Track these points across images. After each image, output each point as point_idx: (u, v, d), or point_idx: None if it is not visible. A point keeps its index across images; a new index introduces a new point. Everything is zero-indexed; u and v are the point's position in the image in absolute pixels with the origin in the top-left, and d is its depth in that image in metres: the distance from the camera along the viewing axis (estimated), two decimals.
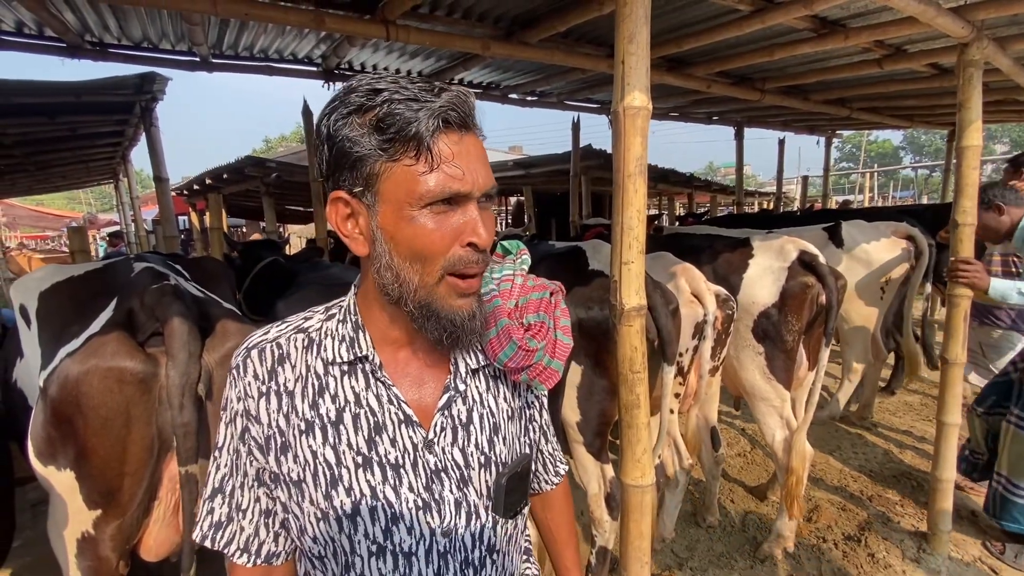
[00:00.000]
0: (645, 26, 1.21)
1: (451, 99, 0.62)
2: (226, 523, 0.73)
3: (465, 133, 0.63)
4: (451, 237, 0.63)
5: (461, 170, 0.61)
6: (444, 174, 0.61)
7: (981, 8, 2.28)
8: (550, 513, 0.96)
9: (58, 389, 1.28)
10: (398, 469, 0.69)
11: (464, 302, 0.66)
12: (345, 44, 2.96)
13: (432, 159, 0.61)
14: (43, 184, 8.34)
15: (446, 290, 0.65)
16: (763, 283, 2.45)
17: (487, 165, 0.66)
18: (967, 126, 2.35)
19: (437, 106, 0.60)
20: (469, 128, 0.64)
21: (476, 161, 0.63)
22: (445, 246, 0.63)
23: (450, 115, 0.61)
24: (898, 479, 3.21)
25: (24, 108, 3.65)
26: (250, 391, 0.70)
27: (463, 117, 0.62)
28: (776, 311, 2.40)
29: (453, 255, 0.63)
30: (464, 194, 0.62)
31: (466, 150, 0.63)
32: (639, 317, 1.34)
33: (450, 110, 0.61)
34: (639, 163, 1.26)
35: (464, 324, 0.66)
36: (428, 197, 0.61)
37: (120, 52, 2.95)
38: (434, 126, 0.60)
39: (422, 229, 0.62)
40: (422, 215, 0.62)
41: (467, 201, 0.63)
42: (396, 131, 0.60)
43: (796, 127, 6.87)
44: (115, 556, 1.42)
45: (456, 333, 0.66)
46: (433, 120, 0.60)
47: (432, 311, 0.65)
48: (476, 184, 0.63)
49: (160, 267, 1.69)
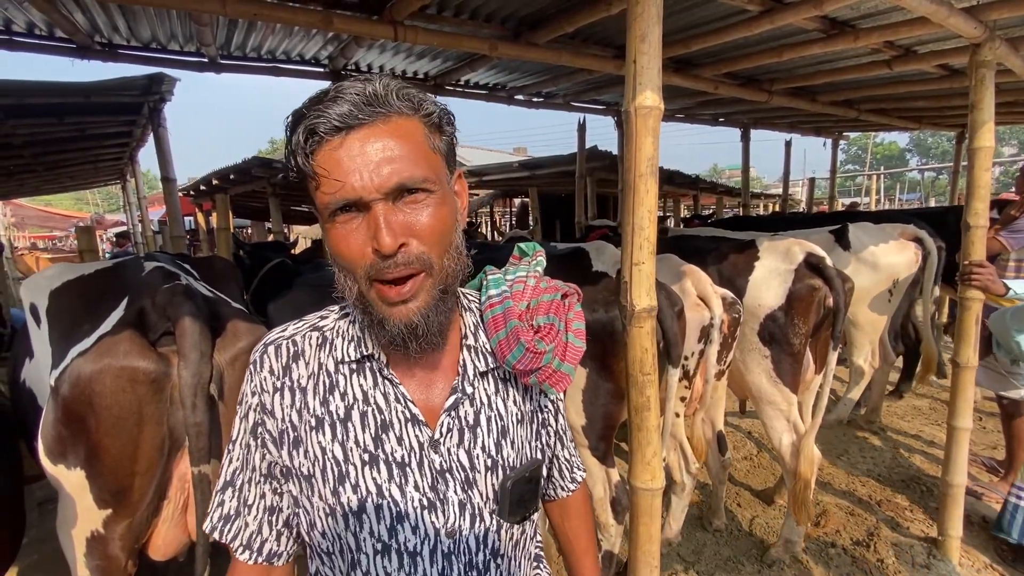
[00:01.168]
0: (657, 25, 1.20)
1: (329, 105, 0.59)
2: (234, 516, 0.74)
3: (348, 133, 0.59)
4: (360, 245, 0.61)
5: (340, 180, 0.59)
6: (324, 189, 0.61)
7: (994, 8, 2.25)
8: (568, 520, 0.94)
9: (70, 388, 1.28)
10: (404, 468, 0.69)
11: (397, 310, 0.63)
12: (352, 45, 2.97)
13: (313, 177, 0.61)
14: (51, 184, 8.40)
15: (376, 296, 0.63)
16: (769, 285, 2.43)
17: (395, 158, 0.60)
18: (979, 127, 2.33)
19: (308, 119, 0.60)
20: (354, 126, 0.60)
21: (366, 161, 0.59)
22: (356, 255, 0.62)
23: (320, 126, 0.59)
24: (907, 484, 3.17)
25: (34, 109, 3.68)
26: (265, 386, 0.71)
27: (340, 119, 0.59)
28: (782, 314, 2.38)
29: (367, 261, 0.62)
30: (355, 199, 0.60)
31: (348, 153, 0.59)
32: (649, 318, 1.32)
33: (319, 119, 0.59)
34: (650, 163, 1.25)
35: (400, 332, 0.64)
36: (325, 211, 0.62)
37: (129, 53, 2.96)
38: (301, 142, 0.60)
39: (335, 239, 0.63)
40: (332, 226, 0.63)
41: (367, 205, 0.60)
42: (292, 155, 0.62)
43: (803, 129, 6.83)
44: (124, 555, 1.42)
45: (406, 342, 0.65)
46: (301, 136, 0.60)
47: (374, 317, 0.65)
48: (367, 187, 0.59)
49: (170, 267, 1.70)
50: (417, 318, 0.64)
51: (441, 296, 0.66)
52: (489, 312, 0.76)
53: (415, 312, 0.64)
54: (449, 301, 0.68)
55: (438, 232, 0.63)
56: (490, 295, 0.78)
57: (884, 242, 3.30)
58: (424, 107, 0.64)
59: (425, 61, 3.53)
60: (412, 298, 0.63)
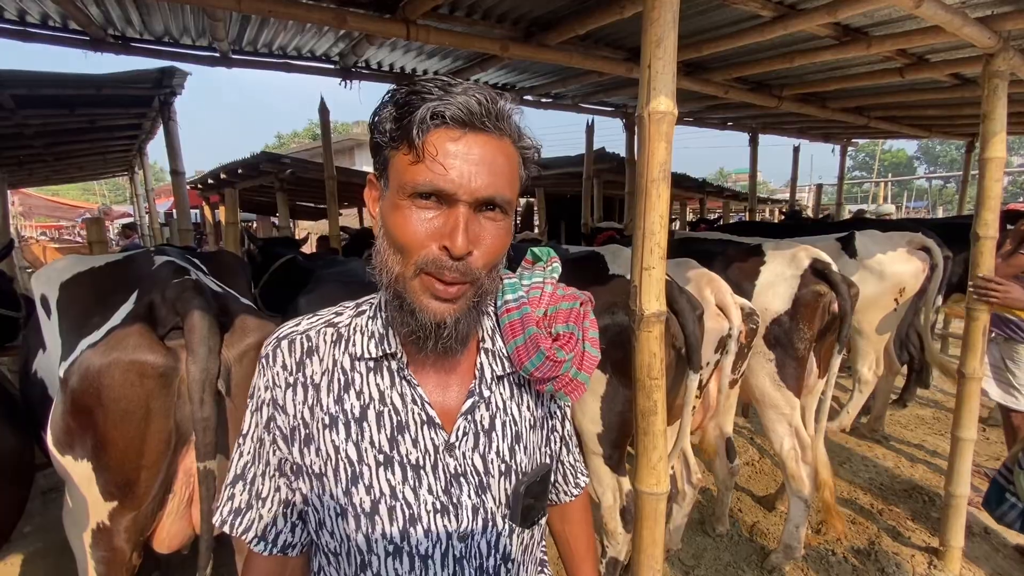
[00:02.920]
0: (673, 30, 1.20)
1: (459, 96, 0.61)
2: (245, 510, 0.73)
3: (469, 132, 0.61)
4: (428, 234, 0.62)
5: (444, 168, 0.60)
6: (426, 168, 0.60)
7: (1008, 19, 2.24)
8: (568, 525, 0.94)
9: (79, 380, 1.29)
10: (418, 470, 0.69)
11: (436, 305, 0.63)
12: (364, 43, 2.97)
13: (418, 151, 0.60)
14: (60, 175, 8.45)
15: (420, 286, 0.63)
16: (776, 291, 2.43)
17: (491, 171, 0.62)
18: (991, 137, 2.32)
19: (437, 100, 0.60)
20: (477, 129, 0.61)
21: (474, 164, 0.61)
22: (418, 241, 0.62)
23: (447, 110, 0.60)
24: (909, 494, 3.17)
25: (46, 99, 3.70)
26: (278, 381, 0.71)
27: (468, 115, 0.60)
28: (788, 319, 2.38)
29: (428, 253, 0.62)
30: (447, 193, 0.60)
31: (463, 150, 0.61)
32: (659, 323, 1.33)
33: (449, 105, 0.60)
34: (663, 168, 1.25)
35: (429, 326, 0.64)
36: (410, 188, 0.61)
37: (141, 46, 2.98)
38: (423, 116, 0.60)
39: (403, 219, 0.62)
40: (406, 205, 0.62)
41: (453, 202, 0.61)
42: (398, 120, 0.62)
43: (812, 135, 6.81)
44: (129, 547, 1.43)
45: (419, 333, 0.64)
46: (425, 111, 0.60)
47: (406, 305, 0.64)
48: (465, 187, 0.60)
49: (180, 261, 1.70)
50: (450, 319, 0.64)
51: (474, 307, 0.66)
52: (506, 317, 0.76)
53: (451, 313, 0.64)
54: (477, 314, 0.68)
55: (497, 252, 0.65)
56: (507, 300, 0.77)
57: (891, 250, 3.28)
58: (524, 140, 0.68)
59: (435, 60, 3.54)
60: (454, 300, 0.64)
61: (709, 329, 2.01)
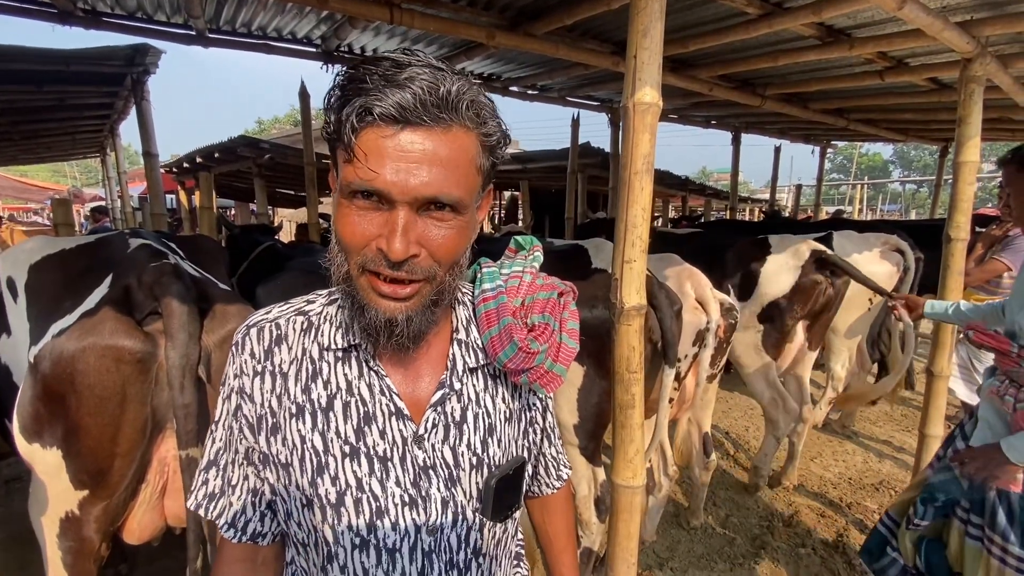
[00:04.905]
0: (660, 21, 1.19)
1: (393, 89, 0.55)
2: (219, 495, 0.73)
3: (405, 128, 0.56)
4: (366, 236, 0.59)
5: (375, 170, 0.56)
6: (355, 169, 0.57)
7: (987, 24, 2.29)
8: (549, 517, 0.93)
9: (51, 366, 1.24)
10: (386, 462, 0.67)
11: (382, 301, 0.61)
12: (347, 25, 2.91)
13: (349, 151, 0.57)
14: (27, 155, 8.12)
15: (365, 283, 0.61)
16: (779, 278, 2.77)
17: (439, 169, 0.57)
18: (965, 142, 2.37)
19: (367, 96, 0.55)
20: (413, 124, 0.56)
21: (412, 161, 0.56)
22: (356, 241, 0.59)
23: (376, 107, 0.55)
24: (877, 488, 3.25)
25: (11, 75, 3.54)
26: (246, 369, 0.69)
27: (400, 111, 0.55)
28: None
29: (367, 252, 0.59)
30: (382, 193, 0.57)
31: (398, 148, 0.56)
32: (639, 316, 1.32)
33: (378, 102, 0.55)
34: (646, 160, 1.24)
35: (378, 324, 0.61)
36: (346, 188, 0.59)
37: (113, 21, 2.86)
38: (351, 116, 0.56)
39: (343, 217, 0.60)
40: (346, 204, 0.60)
41: (393, 204, 0.57)
42: (337, 112, 0.58)
43: (792, 135, 6.91)
44: (99, 537, 1.39)
45: (378, 334, 0.62)
46: (351, 110, 0.56)
47: (356, 302, 0.63)
48: (400, 187, 0.56)
49: (157, 244, 1.65)
50: (401, 316, 0.62)
51: (431, 304, 0.64)
52: (482, 307, 0.74)
53: (401, 311, 0.62)
54: (437, 312, 0.66)
55: (451, 252, 0.62)
56: (484, 289, 0.75)
57: (867, 251, 3.35)
58: (487, 126, 0.62)
59: (420, 47, 3.48)
60: (405, 299, 0.62)
61: (687, 322, 2.03)
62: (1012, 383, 1.46)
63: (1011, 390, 1.44)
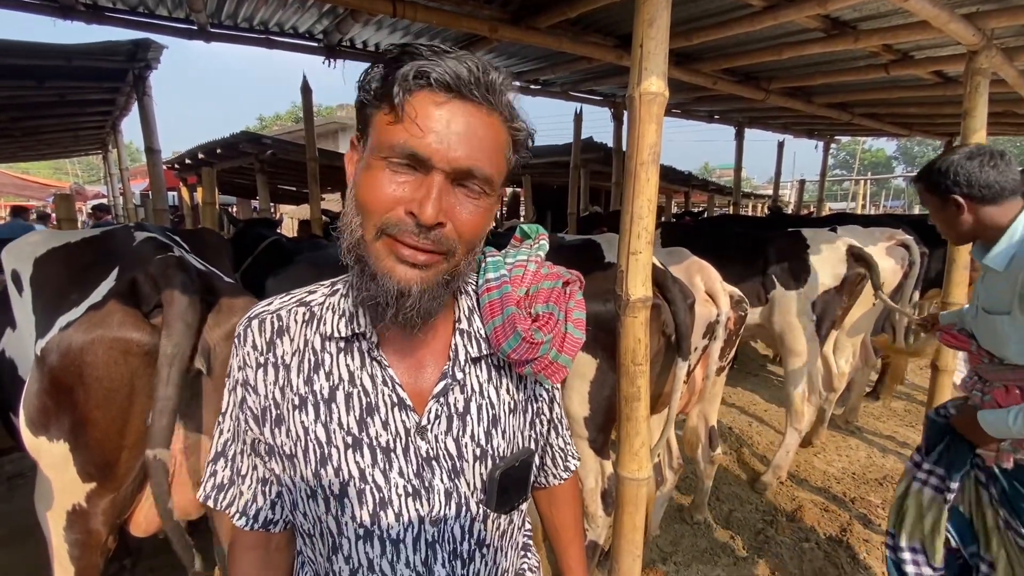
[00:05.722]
0: (666, 10, 1.18)
1: (450, 60, 0.58)
2: (228, 486, 0.73)
3: (455, 99, 0.58)
4: (395, 198, 0.58)
5: (423, 131, 0.57)
6: (404, 128, 0.57)
7: (992, 16, 2.27)
8: (556, 508, 0.93)
9: (59, 358, 1.24)
10: (388, 453, 0.67)
11: (402, 270, 0.59)
12: (348, 20, 2.90)
13: (398, 111, 0.57)
14: (29, 151, 8.13)
15: (383, 248, 0.60)
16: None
17: (473, 142, 0.59)
18: (971, 135, 2.35)
19: (424, 62, 0.57)
20: (464, 96, 0.58)
21: (456, 132, 0.58)
22: (383, 204, 0.58)
23: (434, 71, 0.57)
24: (880, 483, 3.25)
25: (11, 70, 3.53)
26: (248, 361, 0.69)
27: (456, 80, 0.57)
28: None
29: (392, 215, 0.58)
30: (422, 158, 0.57)
31: (447, 115, 0.58)
32: (644, 309, 1.31)
33: (436, 67, 0.57)
34: (652, 151, 1.23)
35: (393, 296, 0.60)
36: (385, 148, 0.58)
37: (115, 15, 2.85)
38: (408, 76, 0.57)
39: (372, 179, 0.59)
40: (378, 165, 0.59)
41: (429, 169, 0.58)
42: (382, 79, 0.59)
43: (796, 130, 6.88)
44: (105, 530, 1.39)
45: (387, 305, 0.60)
46: (410, 70, 0.57)
47: (367, 269, 0.61)
48: (442, 153, 0.57)
49: (162, 237, 1.65)
50: (416, 288, 0.60)
51: (443, 283, 0.63)
52: (486, 296, 0.73)
53: (416, 281, 0.60)
54: (446, 294, 0.65)
55: (475, 230, 0.62)
56: (488, 278, 0.74)
57: (871, 246, 3.34)
58: (517, 122, 0.65)
59: (423, 41, 3.46)
60: (423, 267, 0.60)
61: (698, 315, 2.03)
62: (979, 379, 1.55)
63: (979, 384, 1.55)
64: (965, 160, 1.44)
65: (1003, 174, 1.41)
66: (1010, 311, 1.41)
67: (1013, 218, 1.44)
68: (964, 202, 1.45)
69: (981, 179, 1.42)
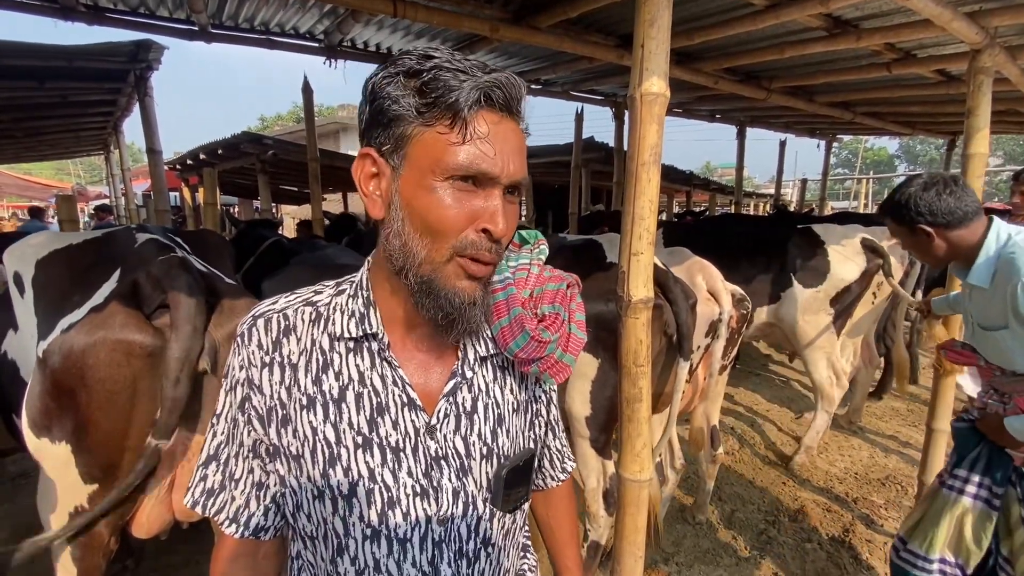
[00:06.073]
0: (667, 9, 1.17)
1: (499, 78, 0.60)
2: (218, 491, 0.72)
3: (506, 117, 0.62)
4: (467, 218, 0.60)
5: (493, 150, 0.59)
6: (474, 149, 0.59)
7: (996, 15, 2.26)
8: (553, 510, 0.94)
9: (62, 360, 1.24)
10: (398, 453, 0.67)
11: (469, 285, 0.63)
12: (349, 20, 2.89)
13: (466, 131, 0.59)
14: (31, 152, 8.15)
15: (454, 270, 0.62)
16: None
17: (522, 156, 0.64)
18: (974, 134, 2.34)
19: (483, 80, 0.59)
20: (512, 113, 0.62)
21: (511, 147, 0.61)
22: (459, 226, 0.60)
23: (494, 92, 0.59)
24: (883, 483, 3.24)
25: (13, 71, 3.53)
26: (253, 360, 0.68)
27: (508, 100, 0.61)
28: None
29: (465, 237, 0.60)
30: (491, 176, 0.60)
31: (503, 134, 0.61)
32: (646, 310, 1.31)
33: (495, 88, 0.59)
34: (654, 152, 1.23)
35: (463, 308, 0.63)
36: (453, 169, 0.59)
37: (116, 16, 2.86)
38: (475, 98, 0.58)
39: (439, 202, 0.60)
40: (442, 187, 0.60)
41: (492, 185, 0.61)
42: (437, 96, 0.59)
43: (798, 129, 6.87)
44: (108, 531, 1.40)
45: (453, 316, 0.63)
46: (475, 92, 0.58)
47: (433, 289, 0.62)
48: (505, 170, 0.61)
49: (164, 239, 1.65)
50: (479, 297, 0.65)
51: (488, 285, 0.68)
52: (491, 298, 0.75)
53: (479, 291, 0.65)
54: None
55: (511, 233, 0.65)
56: (492, 281, 0.75)
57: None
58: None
59: (424, 41, 3.46)
60: (483, 279, 0.65)
61: (700, 314, 2.04)
62: (995, 391, 1.56)
63: (995, 395, 1.55)
64: (922, 191, 1.48)
65: (960, 199, 1.45)
66: (1007, 325, 1.43)
67: (983, 235, 1.47)
68: (931, 230, 1.48)
69: (942, 207, 1.46)
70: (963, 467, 1.63)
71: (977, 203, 1.49)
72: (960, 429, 1.68)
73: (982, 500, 1.58)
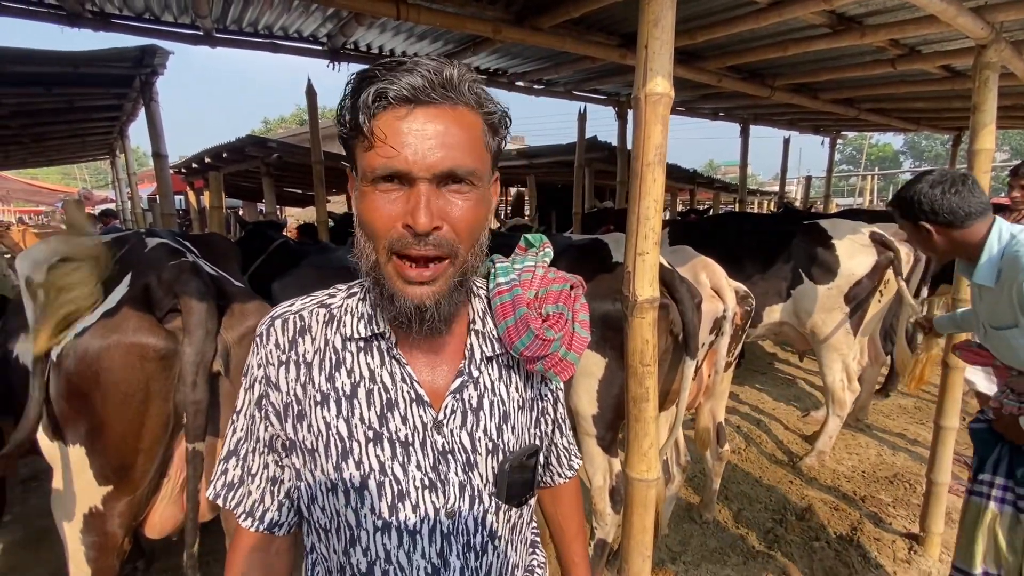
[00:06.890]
0: (671, 9, 1.17)
1: (403, 74, 0.60)
2: (238, 484, 0.75)
3: (417, 107, 0.61)
4: (392, 216, 0.62)
5: (396, 149, 0.60)
6: (377, 152, 0.61)
7: (1001, 9, 2.25)
8: (559, 507, 0.96)
9: (76, 363, 1.27)
10: (407, 447, 0.70)
11: (412, 289, 0.64)
12: (353, 23, 2.90)
13: (368, 137, 0.61)
14: (38, 157, 8.21)
15: (393, 271, 0.64)
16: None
17: (452, 144, 0.61)
18: (980, 129, 2.33)
19: (380, 83, 0.60)
20: (425, 102, 0.61)
21: (427, 138, 0.60)
22: (386, 224, 0.62)
23: (390, 89, 0.59)
24: (891, 481, 3.22)
25: (20, 78, 3.57)
26: (271, 359, 0.72)
27: (412, 91, 0.60)
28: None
29: (394, 233, 0.62)
30: (403, 172, 0.60)
31: (414, 126, 0.60)
32: (652, 309, 1.31)
33: (391, 85, 0.59)
34: (658, 152, 1.23)
35: (413, 314, 0.64)
36: (369, 173, 0.62)
37: (121, 22, 2.87)
38: (371, 101, 0.60)
39: (368, 205, 0.63)
40: (370, 191, 0.63)
41: (412, 181, 0.61)
42: (350, 110, 0.62)
43: (802, 126, 6.84)
44: (122, 532, 1.42)
45: (411, 322, 0.65)
46: (370, 95, 0.60)
47: (385, 291, 0.66)
48: (420, 163, 0.60)
49: (173, 243, 1.67)
50: (430, 302, 0.65)
51: (457, 286, 0.67)
52: (498, 299, 0.77)
53: (429, 296, 0.64)
54: (462, 293, 0.69)
55: (472, 225, 0.65)
56: (499, 283, 0.78)
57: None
58: (487, 106, 0.66)
59: (426, 43, 3.47)
60: (431, 282, 0.64)
61: (704, 311, 2.05)
62: (1012, 392, 1.57)
63: (1011, 395, 1.56)
64: (928, 188, 1.49)
65: (965, 199, 1.46)
66: (1016, 323, 1.44)
67: (986, 234, 1.48)
68: (932, 227, 1.51)
69: (944, 206, 1.47)
70: (986, 471, 1.64)
71: (983, 204, 1.49)
72: (977, 431, 1.69)
73: (1009, 504, 1.59)
